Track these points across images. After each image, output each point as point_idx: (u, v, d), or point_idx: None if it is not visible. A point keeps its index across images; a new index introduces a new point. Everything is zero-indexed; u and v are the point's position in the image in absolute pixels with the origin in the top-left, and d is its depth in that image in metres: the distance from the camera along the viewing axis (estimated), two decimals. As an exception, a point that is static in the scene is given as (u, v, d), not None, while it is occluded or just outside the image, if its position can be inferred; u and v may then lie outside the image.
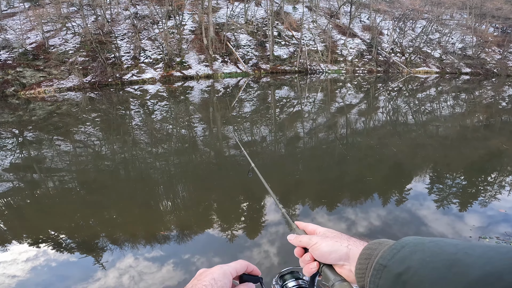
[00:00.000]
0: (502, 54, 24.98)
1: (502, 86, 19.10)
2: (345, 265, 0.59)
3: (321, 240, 0.64)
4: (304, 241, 0.67)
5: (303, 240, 0.67)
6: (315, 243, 0.64)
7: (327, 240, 0.63)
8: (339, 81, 19.36)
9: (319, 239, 0.64)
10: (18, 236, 4.20)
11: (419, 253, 0.47)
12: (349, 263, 0.58)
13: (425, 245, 0.48)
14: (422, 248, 0.47)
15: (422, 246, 0.48)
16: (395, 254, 0.49)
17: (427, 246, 0.47)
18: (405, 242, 0.51)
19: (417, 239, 0.50)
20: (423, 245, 0.48)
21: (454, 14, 29.20)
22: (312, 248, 0.64)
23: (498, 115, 11.44)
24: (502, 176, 5.96)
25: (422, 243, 0.49)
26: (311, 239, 0.65)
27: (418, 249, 0.48)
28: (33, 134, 8.99)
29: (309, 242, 0.65)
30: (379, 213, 4.44)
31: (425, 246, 0.48)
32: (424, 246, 0.48)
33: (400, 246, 0.50)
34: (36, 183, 5.87)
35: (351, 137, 8.54)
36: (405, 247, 0.49)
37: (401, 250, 0.49)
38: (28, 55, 17.14)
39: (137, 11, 23.05)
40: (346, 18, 26.92)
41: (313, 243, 0.64)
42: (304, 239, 0.67)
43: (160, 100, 13.83)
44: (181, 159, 6.99)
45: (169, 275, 3.34)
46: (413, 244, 0.49)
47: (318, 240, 0.64)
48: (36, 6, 21.37)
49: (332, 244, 0.61)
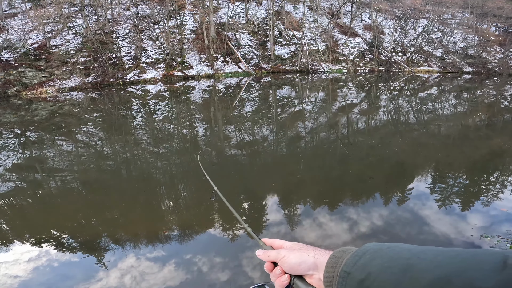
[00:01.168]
0: (504, 53, 24.88)
1: (504, 85, 19.03)
2: (315, 275, 0.61)
3: (289, 252, 0.65)
4: (272, 256, 0.68)
5: (272, 255, 0.69)
6: (284, 256, 0.65)
7: (294, 252, 0.65)
8: (340, 81, 19.33)
9: (287, 252, 0.66)
10: (21, 236, 4.22)
11: (378, 259, 0.49)
12: (318, 272, 0.60)
13: (383, 251, 0.50)
14: (381, 254, 0.49)
15: (381, 252, 0.50)
16: (357, 261, 0.51)
17: (385, 252, 0.49)
18: (366, 249, 0.53)
19: (377, 245, 0.53)
20: (382, 251, 0.50)
21: (455, 13, 29.12)
22: (281, 261, 0.65)
23: (500, 114, 11.40)
24: (504, 175, 5.94)
25: (381, 249, 0.51)
26: (279, 252, 0.67)
27: (378, 255, 0.49)
28: (35, 134, 9.02)
29: (277, 256, 0.67)
30: (381, 213, 4.44)
31: (383, 252, 0.50)
32: (382, 252, 0.50)
33: (361, 253, 0.52)
34: (39, 183, 5.89)
35: (352, 136, 8.53)
36: (366, 254, 0.51)
37: (362, 257, 0.51)
38: (30, 55, 17.19)
39: (138, 11, 23.07)
40: (347, 18, 26.87)
41: (281, 256, 0.66)
42: (272, 254, 0.69)
43: (161, 100, 13.84)
44: (183, 159, 7.00)
45: (171, 275, 3.35)
46: (373, 251, 0.51)
47: (286, 253, 0.66)
48: (38, 6, 21.43)
49: (299, 255, 0.63)
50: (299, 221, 4.33)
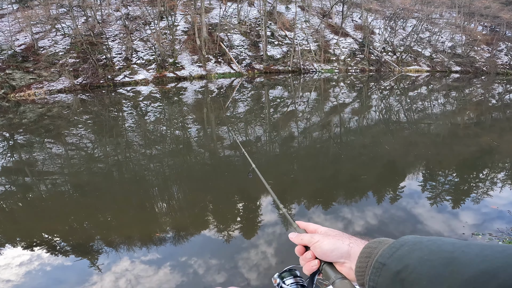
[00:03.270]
0: (491, 53, 25.42)
1: (491, 84, 19.44)
2: (346, 263, 0.60)
3: (323, 238, 0.65)
4: (305, 239, 0.68)
5: (305, 238, 0.68)
6: (317, 241, 0.65)
7: (329, 238, 0.64)
8: (332, 80, 19.47)
9: (321, 237, 0.65)
10: (12, 240, 4.13)
11: (417, 251, 0.47)
12: (350, 261, 0.59)
13: (423, 243, 0.49)
14: (420, 247, 0.48)
15: (420, 245, 0.49)
16: (394, 253, 0.50)
17: (425, 244, 0.48)
18: (404, 240, 0.52)
19: (416, 238, 0.51)
20: (421, 243, 0.49)
21: (443, 13, 29.62)
22: (314, 246, 0.65)
23: (488, 112, 11.64)
24: (493, 172, 6.07)
25: (421, 241, 0.49)
26: (313, 237, 0.66)
27: (417, 247, 0.48)
28: (24, 137, 8.84)
29: (311, 240, 0.66)
30: (374, 211, 4.48)
31: (423, 244, 0.48)
32: (422, 245, 0.48)
33: (399, 245, 0.51)
34: (28, 187, 5.77)
35: (345, 136, 8.60)
36: (403, 246, 0.50)
37: (400, 249, 0.50)
38: (17, 57, 16.84)
39: (129, 12, 22.83)
40: (339, 18, 27.09)
41: (315, 241, 0.65)
42: (305, 237, 0.68)
43: (153, 101, 13.72)
44: (176, 161, 6.96)
45: (166, 278, 3.32)
46: (412, 243, 0.50)
47: (320, 238, 0.65)
48: (25, 7, 21.01)
49: (334, 242, 0.62)
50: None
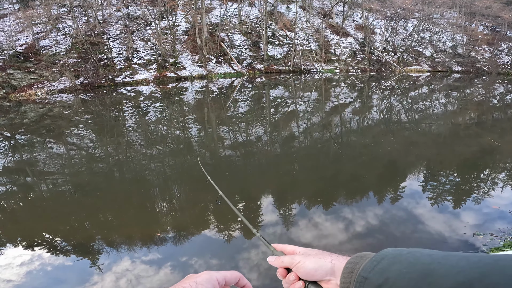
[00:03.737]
0: (492, 52, 25.36)
1: (492, 84, 19.40)
2: (332, 280, 0.60)
3: (304, 258, 0.64)
4: (286, 261, 0.66)
5: (285, 261, 0.66)
6: (299, 261, 0.63)
7: (310, 257, 0.63)
8: (333, 80, 19.45)
9: (302, 257, 0.64)
10: (13, 240, 4.13)
11: (397, 264, 0.48)
12: (335, 278, 0.59)
13: (402, 256, 0.49)
14: (400, 260, 0.48)
15: (400, 258, 0.49)
16: (375, 266, 0.50)
17: (404, 257, 0.49)
18: (384, 254, 0.52)
19: (396, 250, 0.52)
20: (401, 256, 0.49)
21: (444, 13, 29.56)
22: (296, 267, 0.64)
23: (489, 112, 11.61)
24: (494, 172, 6.05)
25: (400, 254, 0.50)
26: (294, 258, 0.65)
27: (396, 260, 0.49)
28: (25, 137, 8.85)
29: (292, 261, 0.65)
30: (375, 212, 4.48)
31: (403, 257, 0.49)
32: (401, 258, 0.49)
33: (379, 258, 0.51)
34: (30, 186, 5.78)
35: (345, 136, 8.59)
36: (384, 259, 0.50)
37: (381, 262, 0.50)
38: (19, 57, 16.88)
39: (130, 12, 22.85)
40: (339, 18, 27.06)
41: (296, 262, 0.64)
42: (286, 260, 0.67)
43: (154, 101, 13.73)
44: (176, 160, 6.96)
45: (167, 278, 3.32)
46: (392, 256, 0.50)
47: (301, 258, 0.64)
48: (26, 7, 21.05)
49: (316, 261, 0.62)
50: (295, 221, 4.34)
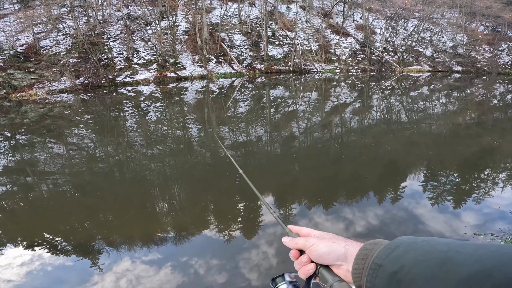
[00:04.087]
0: (493, 52, 25.35)
1: (493, 84, 19.38)
2: (343, 265, 0.59)
3: (318, 241, 0.64)
4: (300, 243, 0.67)
5: (299, 242, 0.67)
6: (313, 244, 0.64)
7: (324, 241, 0.63)
8: (333, 80, 19.45)
9: (316, 240, 0.64)
10: (13, 240, 4.14)
11: (412, 252, 0.48)
12: (346, 263, 0.59)
13: (418, 244, 0.49)
14: (415, 247, 0.48)
15: (415, 245, 0.49)
16: (390, 254, 0.50)
17: (420, 245, 0.49)
18: (399, 241, 0.52)
19: (411, 238, 0.52)
20: (416, 244, 0.49)
21: (444, 12, 29.55)
22: (309, 249, 0.64)
23: (490, 112, 11.60)
24: (495, 172, 6.05)
25: (415, 242, 0.50)
26: (308, 240, 0.65)
27: (412, 248, 0.49)
28: (25, 137, 8.86)
29: (305, 243, 0.65)
30: (376, 212, 4.47)
31: (418, 245, 0.49)
32: (417, 245, 0.49)
33: (394, 246, 0.51)
34: (30, 186, 5.78)
35: (346, 136, 8.58)
36: (399, 247, 0.50)
37: (396, 250, 0.50)
38: (19, 57, 16.88)
39: (130, 12, 22.86)
40: (339, 18, 27.06)
41: (310, 245, 0.64)
42: (300, 241, 0.67)
43: (154, 101, 13.74)
44: (176, 160, 6.96)
45: (167, 278, 3.32)
46: (407, 244, 0.50)
47: (315, 241, 0.64)
48: (26, 7, 21.06)
49: (330, 244, 0.62)
50: (295, 222, 4.33)
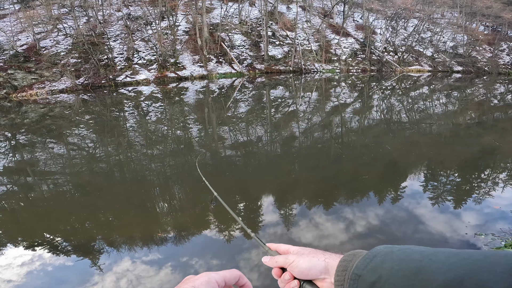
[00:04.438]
0: (493, 52, 25.33)
1: (493, 84, 19.37)
2: (326, 279, 0.60)
3: (298, 257, 0.64)
4: (280, 261, 0.67)
5: (280, 260, 0.67)
6: (293, 261, 0.64)
7: (303, 256, 0.63)
8: (333, 81, 19.44)
9: (295, 257, 0.64)
10: (13, 240, 4.14)
11: (389, 261, 0.49)
12: (329, 276, 0.59)
13: (394, 253, 0.50)
14: (391, 257, 0.49)
15: (392, 255, 0.50)
16: (368, 264, 0.51)
17: (396, 254, 0.50)
18: (376, 251, 0.53)
19: (387, 247, 0.53)
20: (392, 253, 0.50)
21: (445, 12, 29.54)
22: (290, 266, 0.64)
23: (490, 112, 11.59)
24: (495, 172, 6.04)
25: (392, 251, 0.51)
26: (288, 258, 0.65)
27: (388, 258, 0.50)
28: (25, 137, 8.86)
29: (286, 261, 0.65)
30: (376, 212, 4.47)
31: (394, 254, 0.50)
32: (393, 255, 0.50)
33: (372, 256, 0.52)
34: (30, 186, 5.79)
35: (346, 136, 8.58)
36: (376, 256, 0.51)
37: (373, 260, 0.51)
38: (19, 57, 16.89)
39: (130, 12, 22.87)
40: (340, 18, 27.05)
41: (290, 262, 0.64)
42: (280, 259, 0.67)
43: (154, 101, 13.74)
44: (177, 161, 6.96)
45: (167, 278, 3.32)
46: (384, 253, 0.51)
47: (295, 258, 0.64)
48: (27, 7, 21.08)
49: (309, 260, 0.62)
50: (295, 222, 4.33)
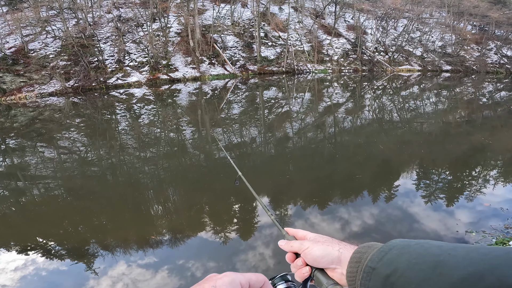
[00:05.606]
0: (481, 52, 25.83)
1: (482, 83, 19.75)
2: (337, 269, 0.60)
3: (313, 244, 0.64)
4: (295, 246, 0.67)
5: (295, 246, 0.67)
6: (307, 247, 0.64)
7: (318, 244, 0.64)
8: (325, 81, 19.58)
9: (310, 243, 0.65)
10: (6, 244, 4.06)
11: (406, 255, 0.48)
12: (341, 267, 0.59)
13: (411, 247, 0.50)
14: (408, 250, 0.49)
15: (408, 248, 0.49)
16: (383, 257, 0.51)
17: (413, 248, 0.49)
18: (392, 244, 0.52)
19: (404, 241, 0.52)
20: (409, 247, 0.50)
21: (433, 12, 30.01)
22: (304, 252, 0.64)
23: (480, 110, 11.82)
24: (485, 170, 6.17)
25: (408, 245, 0.50)
26: (303, 244, 0.66)
27: (405, 251, 0.49)
28: (15, 141, 8.70)
29: (300, 247, 0.66)
30: (370, 211, 4.52)
31: (411, 248, 0.49)
32: (410, 248, 0.49)
33: (387, 249, 0.52)
34: (21, 191, 5.69)
35: (339, 136, 8.65)
36: (392, 250, 0.51)
37: (389, 253, 0.51)
38: (8, 60, 16.59)
39: (121, 14, 22.66)
40: (331, 18, 27.25)
41: (305, 248, 0.65)
42: (295, 244, 0.67)
43: (146, 103, 13.63)
44: (170, 163, 6.92)
45: (164, 281, 3.30)
46: (400, 247, 0.51)
47: (310, 244, 0.64)
48: (14, 9, 20.71)
49: (324, 248, 0.62)
50: (291, 222, 4.35)
